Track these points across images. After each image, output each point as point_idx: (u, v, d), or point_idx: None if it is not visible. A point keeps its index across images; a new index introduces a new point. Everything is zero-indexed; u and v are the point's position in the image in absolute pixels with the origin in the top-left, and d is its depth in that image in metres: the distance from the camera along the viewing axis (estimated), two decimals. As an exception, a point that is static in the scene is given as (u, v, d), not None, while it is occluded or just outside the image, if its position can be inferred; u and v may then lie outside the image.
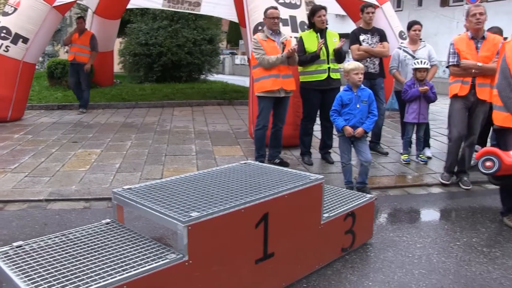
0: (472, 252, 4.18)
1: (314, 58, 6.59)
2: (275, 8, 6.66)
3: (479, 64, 5.61)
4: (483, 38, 5.71)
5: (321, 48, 6.50)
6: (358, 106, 5.55)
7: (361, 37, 7.27)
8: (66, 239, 3.04)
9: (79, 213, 5.11)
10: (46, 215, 5.02)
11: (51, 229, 4.53)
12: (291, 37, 7.05)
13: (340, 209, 4.02)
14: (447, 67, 6.09)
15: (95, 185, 5.90)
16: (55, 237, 3.05)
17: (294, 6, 8.00)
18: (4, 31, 9.51)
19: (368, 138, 6.48)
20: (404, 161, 7.11)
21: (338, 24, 26.84)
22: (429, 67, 6.98)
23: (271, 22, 6.53)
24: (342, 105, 5.60)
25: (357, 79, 5.49)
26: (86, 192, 5.64)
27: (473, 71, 5.68)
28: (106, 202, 5.38)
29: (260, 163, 4.35)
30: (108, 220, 3.37)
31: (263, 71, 6.45)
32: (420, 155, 7.17)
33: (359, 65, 5.60)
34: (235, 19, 14.96)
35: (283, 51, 6.47)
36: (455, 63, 5.81)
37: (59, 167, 6.61)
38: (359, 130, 5.51)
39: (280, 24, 6.81)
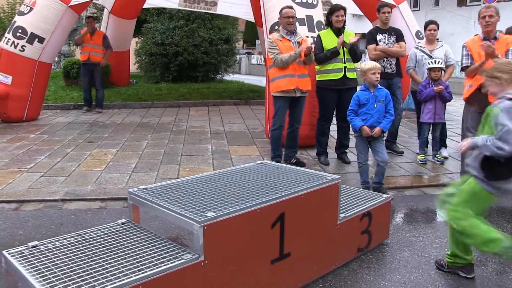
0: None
1: (334, 54, 6.56)
2: (290, 7, 6.64)
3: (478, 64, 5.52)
4: (495, 38, 5.62)
5: (342, 44, 6.48)
6: (375, 106, 5.51)
7: (378, 37, 7.23)
8: (82, 239, 3.03)
9: (94, 213, 5.12)
10: (62, 215, 5.03)
11: (67, 229, 4.55)
12: (307, 36, 7.01)
13: (357, 209, 3.98)
14: (461, 70, 6.01)
15: (111, 185, 5.91)
16: (70, 237, 3.05)
17: (311, 6, 7.96)
18: (20, 30, 9.57)
19: (384, 138, 6.43)
20: (420, 161, 7.04)
21: (354, 24, 26.76)
22: (443, 66, 6.93)
23: (286, 22, 6.50)
24: (359, 105, 5.56)
25: (374, 78, 5.46)
26: (102, 192, 5.65)
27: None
28: (122, 202, 5.38)
29: (276, 163, 4.32)
30: (124, 220, 3.37)
31: (278, 70, 6.41)
32: (437, 155, 7.11)
33: (376, 64, 5.56)
34: (251, 18, 14.95)
35: None
36: (468, 64, 5.73)
37: (74, 167, 6.64)
38: (377, 129, 5.47)
39: (297, 24, 6.77)
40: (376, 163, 5.66)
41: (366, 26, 13.03)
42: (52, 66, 11.05)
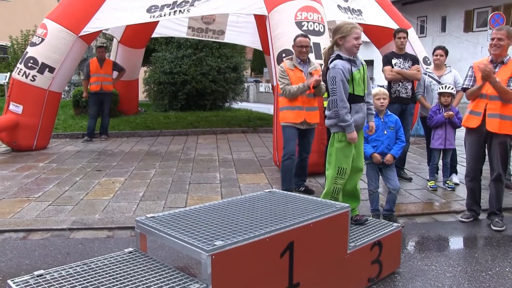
0: (505, 283, 4.03)
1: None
2: (305, 36, 6.50)
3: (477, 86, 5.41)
4: (502, 63, 5.40)
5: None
6: (385, 132, 5.47)
7: (393, 61, 7.26)
8: (88, 268, 3.00)
9: (102, 242, 5.08)
10: (69, 244, 5.00)
11: (73, 259, 4.51)
12: (321, 64, 6.96)
13: (367, 238, 3.93)
14: (462, 90, 5.87)
15: (119, 213, 5.88)
16: (76, 266, 3.02)
17: (318, 33, 8.00)
18: (31, 61, 9.68)
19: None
20: (431, 187, 6.98)
21: (361, 51, 26.77)
22: (454, 92, 6.90)
23: (299, 51, 6.36)
24: None
25: (379, 104, 5.42)
26: (110, 221, 5.62)
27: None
28: (129, 231, 5.34)
29: (285, 192, 4.29)
30: (131, 249, 3.33)
31: (287, 101, 6.36)
32: (447, 182, 7.04)
33: (381, 90, 5.55)
34: (259, 46, 15.06)
35: None
36: (469, 86, 5.58)
37: (82, 196, 6.62)
38: (388, 156, 5.42)
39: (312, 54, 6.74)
40: (388, 191, 5.60)
41: (374, 53, 13.05)
42: (62, 95, 11.13)
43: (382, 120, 5.49)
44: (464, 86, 5.68)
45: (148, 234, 3.27)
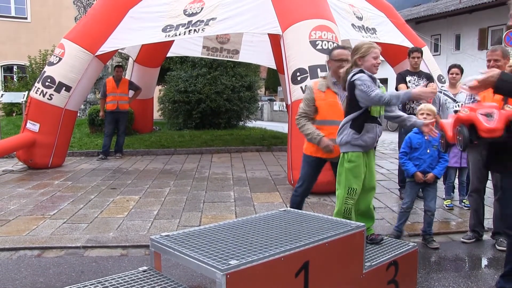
0: (524, 304, 3.95)
1: None
2: (344, 48, 5.26)
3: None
4: None
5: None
6: (428, 151, 5.38)
7: (408, 78, 7.29)
8: (103, 286, 2.98)
9: (116, 260, 5.08)
10: (83, 262, 5.00)
11: (88, 277, 4.51)
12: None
13: (383, 257, 3.88)
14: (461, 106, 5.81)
15: (133, 232, 5.88)
16: (91, 284, 3.01)
17: (332, 52, 8.00)
18: (49, 80, 9.81)
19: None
20: (447, 206, 6.92)
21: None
22: (471, 110, 6.86)
23: (338, 66, 4.96)
24: (411, 148, 5.45)
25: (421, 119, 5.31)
26: (124, 239, 5.62)
27: None
28: (143, 249, 5.34)
29: (300, 210, 4.26)
30: (145, 268, 3.31)
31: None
32: (464, 200, 6.97)
33: (426, 105, 5.44)
34: (273, 65, 15.12)
35: None
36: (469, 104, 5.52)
37: (97, 214, 6.64)
38: (430, 176, 5.35)
39: (318, 70, 6.70)
40: (424, 210, 5.57)
41: (388, 71, 13.02)
42: (78, 114, 11.24)
43: (426, 138, 5.31)
44: (465, 104, 5.59)
45: (163, 253, 3.26)
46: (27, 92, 12.12)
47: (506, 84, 3.43)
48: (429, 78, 7.39)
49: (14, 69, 27.09)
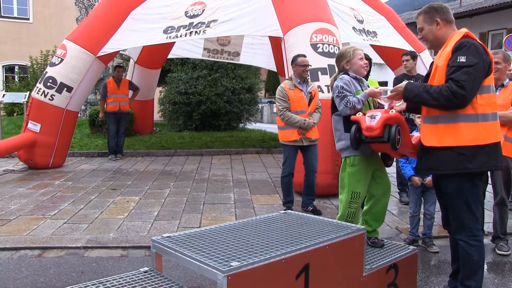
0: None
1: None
2: (305, 55, 6.64)
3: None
4: (502, 86, 5.39)
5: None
6: None
7: (404, 82, 7.27)
8: (104, 286, 3.00)
9: (116, 261, 5.09)
10: (84, 263, 5.01)
11: (88, 277, 4.52)
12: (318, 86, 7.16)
13: (383, 260, 3.89)
14: None
15: (133, 232, 5.89)
16: (92, 285, 3.02)
17: (333, 55, 8.01)
18: (51, 80, 9.84)
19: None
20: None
21: (376, 72, 26.85)
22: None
23: (303, 70, 6.48)
24: None
25: (418, 122, 5.32)
26: (124, 240, 5.63)
27: None
28: (143, 250, 5.35)
29: (300, 213, 4.28)
30: (146, 269, 3.33)
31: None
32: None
33: None
34: (273, 68, 15.14)
35: (309, 101, 6.50)
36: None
37: (97, 214, 6.65)
38: (428, 179, 5.31)
39: (319, 73, 6.78)
40: (423, 213, 5.58)
41: (388, 74, 13.05)
42: (79, 114, 11.25)
43: None
44: None
45: (164, 254, 3.27)
46: (28, 92, 12.13)
47: (410, 92, 3.78)
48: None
49: (16, 69, 27.10)
